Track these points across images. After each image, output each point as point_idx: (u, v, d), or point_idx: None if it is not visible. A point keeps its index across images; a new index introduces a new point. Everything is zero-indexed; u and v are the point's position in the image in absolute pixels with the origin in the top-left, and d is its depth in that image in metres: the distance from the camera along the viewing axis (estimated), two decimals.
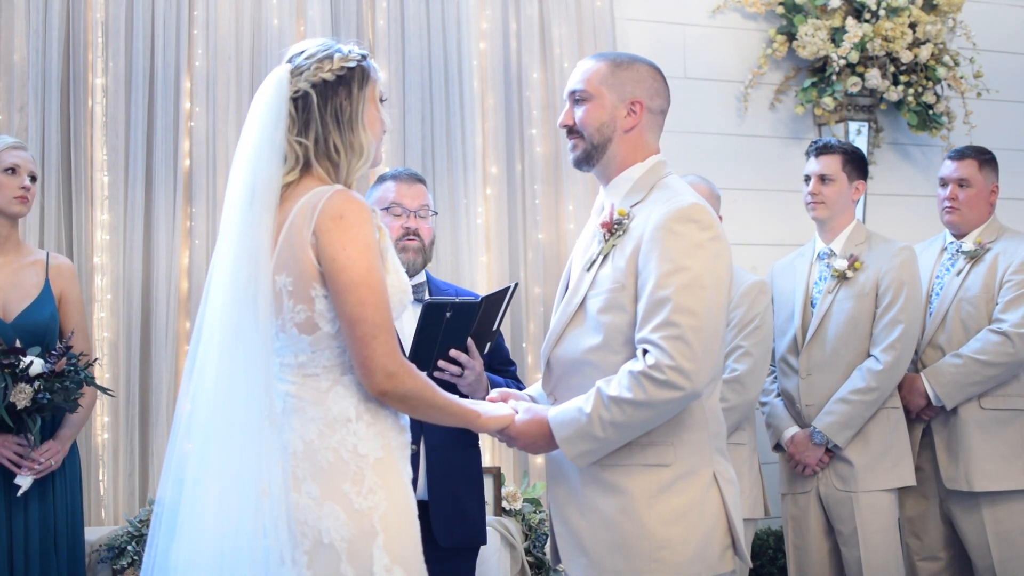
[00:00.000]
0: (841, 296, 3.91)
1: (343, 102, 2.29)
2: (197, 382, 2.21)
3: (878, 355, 3.82)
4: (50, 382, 3.30)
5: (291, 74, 2.28)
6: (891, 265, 3.87)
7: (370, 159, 2.33)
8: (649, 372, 2.34)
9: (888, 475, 3.85)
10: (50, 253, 3.61)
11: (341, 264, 2.17)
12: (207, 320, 2.23)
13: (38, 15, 4.24)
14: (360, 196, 2.27)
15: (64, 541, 3.42)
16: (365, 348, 2.18)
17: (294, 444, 2.19)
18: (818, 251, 4.04)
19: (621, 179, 2.59)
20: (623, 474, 2.45)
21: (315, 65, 2.28)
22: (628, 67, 2.59)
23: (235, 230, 2.22)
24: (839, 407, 3.82)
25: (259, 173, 2.22)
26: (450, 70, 4.70)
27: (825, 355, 3.91)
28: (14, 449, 3.30)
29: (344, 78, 2.29)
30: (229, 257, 2.22)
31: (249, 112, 2.30)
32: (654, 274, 2.39)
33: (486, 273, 4.70)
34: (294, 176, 2.27)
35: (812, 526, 3.94)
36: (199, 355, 2.23)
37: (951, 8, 5.24)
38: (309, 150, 2.27)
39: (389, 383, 2.20)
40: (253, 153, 2.24)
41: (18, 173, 3.47)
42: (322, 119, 2.27)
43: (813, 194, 3.96)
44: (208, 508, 2.15)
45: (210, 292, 2.25)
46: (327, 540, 2.15)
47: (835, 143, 4.01)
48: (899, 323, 3.82)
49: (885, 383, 3.81)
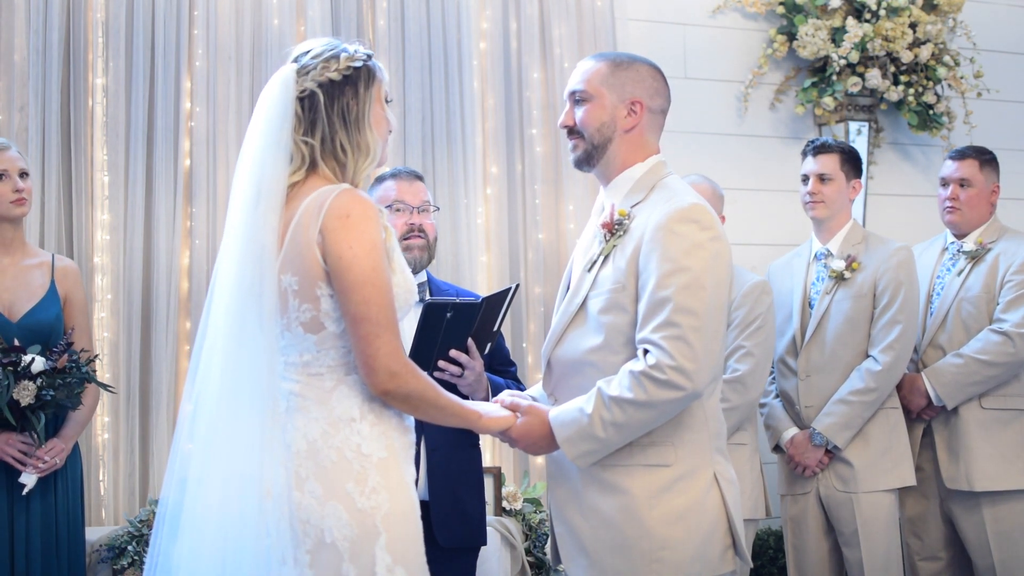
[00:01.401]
0: (839, 297, 3.91)
1: (350, 102, 2.28)
2: (201, 383, 2.21)
3: (876, 355, 3.82)
4: (52, 379, 3.31)
5: (297, 74, 2.28)
6: (888, 265, 3.87)
7: (377, 159, 2.33)
8: (650, 372, 2.34)
9: (888, 475, 3.84)
10: (55, 255, 3.62)
11: (347, 263, 2.17)
12: (211, 320, 2.23)
13: (38, 15, 4.24)
14: (366, 195, 2.27)
15: (65, 541, 3.43)
16: (369, 347, 2.18)
17: (297, 443, 2.19)
18: (815, 251, 4.03)
19: (621, 179, 2.59)
20: (624, 474, 2.45)
21: (321, 65, 2.28)
22: (628, 67, 2.59)
23: (240, 230, 2.21)
24: (838, 408, 3.82)
25: (264, 173, 2.22)
26: (450, 70, 4.70)
27: (824, 356, 3.91)
28: (18, 447, 3.31)
29: (350, 78, 2.29)
30: (234, 257, 2.21)
31: (254, 112, 2.30)
32: (655, 274, 2.39)
33: (486, 273, 4.70)
34: (300, 176, 2.26)
35: (811, 527, 3.93)
36: (203, 356, 2.23)
37: (951, 8, 5.24)
38: (316, 149, 2.27)
39: (392, 382, 2.20)
40: (259, 153, 2.24)
41: (8, 176, 3.46)
42: (329, 119, 2.27)
43: (812, 193, 3.96)
44: (211, 508, 2.15)
45: (214, 292, 2.25)
46: (329, 539, 2.15)
47: (832, 142, 4.02)
48: (897, 323, 3.82)
49: (884, 383, 3.81)
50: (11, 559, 3.31)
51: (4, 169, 3.45)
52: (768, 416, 4.04)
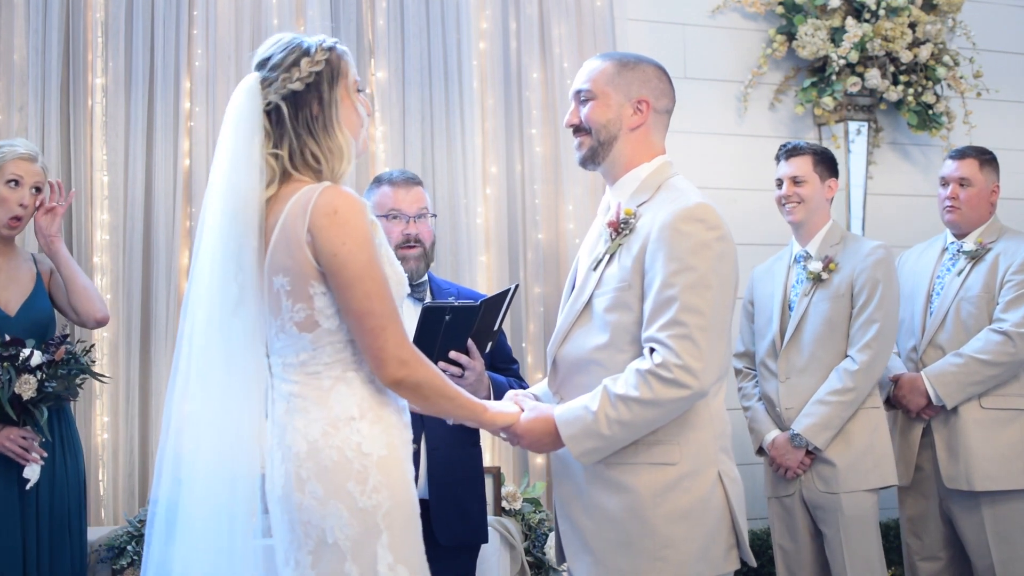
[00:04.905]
0: (817, 298, 3.90)
1: (314, 109, 2.25)
2: (177, 406, 2.19)
3: (854, 355, 3.80)
4: (52, 371, 3.32)
5: (261, 85, 2.25)
6: (865, 264, 3.85)
7: (352, 159, 2.30)
8: (656, 371, 2.34)
9: (870, 475, 3.82)
10: (34, 254, 3.65)
11: (343, 259, 2.16)
12: (188, 339, 2.21)
13: (38, 15, 4.24)
14: (351, 190, 2.25)
15: (76, 533, 3.47)
16: (376, 339, 2.17)
17: (298, 445, 2.19)
18: (795, 254, 4.02)
19: (628, 178, 2.59)
20: (629, 472, 2.45)
21: (283, 76, 2.24)
22: (634, 67, 2.59)
23: (218, 244, 2.19)
24: (817, 409, 3.79)
25: (239, 189, 2.19)
26: (450, 70, 4.69)
27: (803, 358, 3.88)
28: (20, 443, 3.31)
29: (313, 84, 2.25)
30: (213, 272, 2.19)
31: (223, 125, 2.26)
32: (661, 273, 2.39)
33: (486, 273, 4.70)
34: (273, 190, 2.23)
35: (800, 528, 3.91)
36: (178, 382, 2.20)
37: (951, 8, 5.24)
38: (285, 161, 2.24)
39: (402, 371, 2.20)
40: (230, 168, 2.21)
41: (21, 185, 3.46)
42: (295, 130, 2.24)
43: (787, 196, 3.96)
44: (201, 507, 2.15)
45: (189, 309, 2.23)
46: (331, 539, 2.15)
47: (804, 145, 4.01)
48: (874, 322, 3.80)
49: (862, 383, 3.78)
50: (23, 552, 3.32)
51: (19, 176, 3.46)
52: (751, 419, 4.03)
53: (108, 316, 3.63)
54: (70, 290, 3.53)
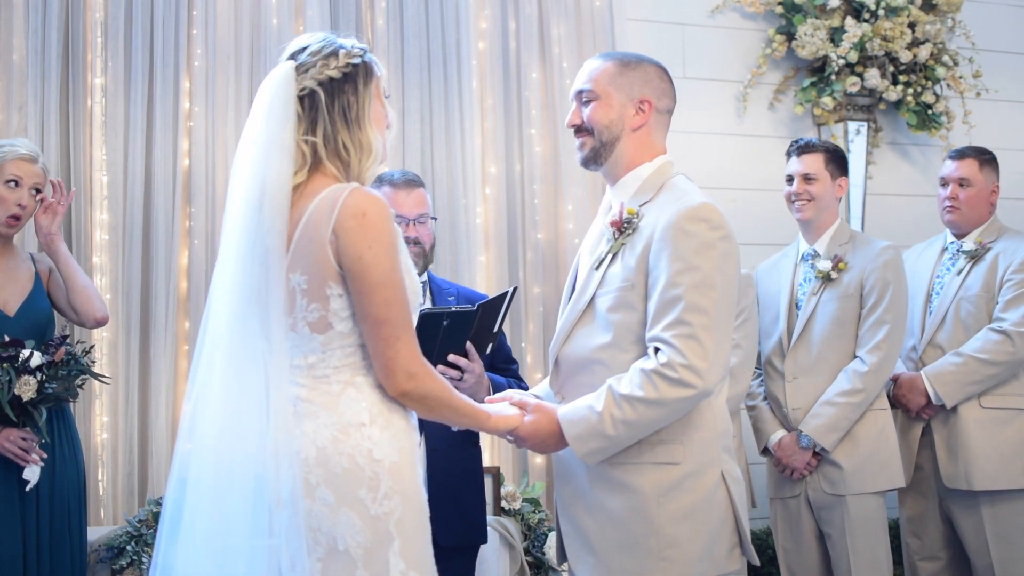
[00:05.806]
0: (825, 298, 3.88)
1: (350, 99, 2.25)
2: (201, 387, 2.17)
3: (864, 356, 3.79)
4: (52, 372, 3.32)
5: (296, 71, 2.24)
6: (875, 265, 3.84)
7: (380, 157, 2.29)
8: (661, 370, 2.35)
9: (877, 477, 3.80)
10: (32, 254, 3.64)
11: (367, 263, 2.14)
12: (211, 329, 2.18)
13: (37, 14, 4.23)
14: (378, 193, 2.24)
15: (76, 532, 3.46)
16: (389, 349, 2.16)
17: (306, 450, 2.14)
18: (802, 252, 4.01)
19: (630, 178, 2.59)
20: (633, 472, 2.45)
21: (321, 62, 2.24)
22: (636, 67, 2.59)
23: (242, 233, 2.17)
24: (825, 410, 3.78)
25: (269, 175, 2.17)
26: (449, 70, 4.69)
27: (811, 358, 3.87)
28: (19, 444, 3.31)
29: (350, 75, 2.25)
30: (237, 260, 2.17)
31: (252, 110, 2.25)
32: (665, 273, 2.39)
33: (485, 273, 4.69)
34: (303, 177, 2.22)
35: (804, 530, 3.90)
36: (202, 364, 2.18)
37: (950, 8, 5.25)
38: (318, 148, 2.23)
39: (410, 383, 2.18)
40: (261, 154, 2.19)
41: (20, 186, 3.45)
42: (330, 117, 2.23)
43: (798, 193, 3.94)
44: (207, 510, 2.13)
45: (214, 296, 2.21)
46: (342, 547, 2.12)
47: (816, 142, 4.00)
48: (884, 324, 3.79)
49: (871, 384, 3.77)
50: (23, 552, 3.32)
51: (19, 177, 3.45)
52: (756, 419, 4.02)
53: (108, 316, 3.63)
54: (70, 289, 3.52)
